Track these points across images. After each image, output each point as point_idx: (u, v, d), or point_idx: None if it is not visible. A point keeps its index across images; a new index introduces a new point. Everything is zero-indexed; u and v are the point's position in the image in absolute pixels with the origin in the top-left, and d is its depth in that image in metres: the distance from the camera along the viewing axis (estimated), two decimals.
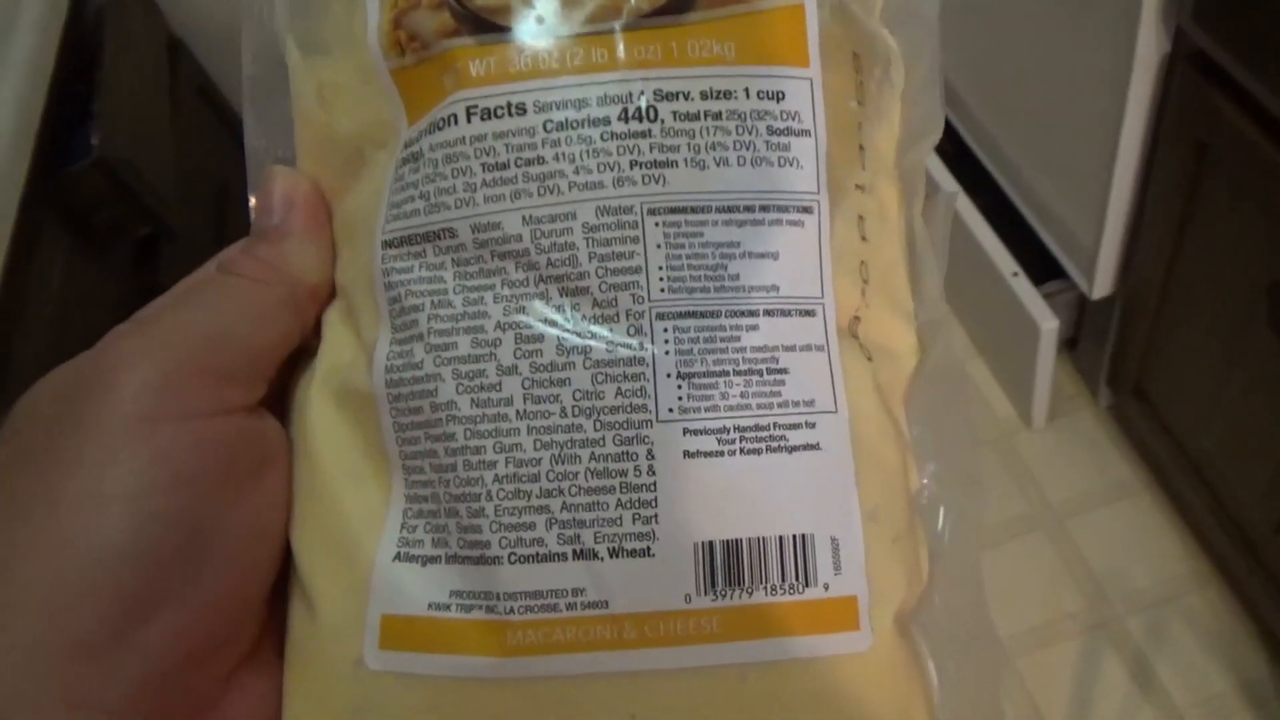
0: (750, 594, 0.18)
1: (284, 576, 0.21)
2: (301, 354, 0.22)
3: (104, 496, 0.18)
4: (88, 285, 0.65)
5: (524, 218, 0.19)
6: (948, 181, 0.97)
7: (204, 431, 0.19)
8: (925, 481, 0.22)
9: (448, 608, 0.19)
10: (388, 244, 0.20)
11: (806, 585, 0.19)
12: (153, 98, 0.77)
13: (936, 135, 0.23)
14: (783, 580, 0.19)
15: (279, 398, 0.22)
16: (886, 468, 0.20)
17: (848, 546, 0.19)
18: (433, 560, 0.19)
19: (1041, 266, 0.94)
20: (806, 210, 0.20)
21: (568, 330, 0.19)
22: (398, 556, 0.20)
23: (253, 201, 0.23)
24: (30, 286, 0.58)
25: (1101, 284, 0.88)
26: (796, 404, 0.19)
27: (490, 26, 0.19)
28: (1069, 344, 1.02)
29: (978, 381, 1.06)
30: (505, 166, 0.19)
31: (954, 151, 1.02)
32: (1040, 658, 0.89)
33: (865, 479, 0.20)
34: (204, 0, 0.91)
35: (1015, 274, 0.94)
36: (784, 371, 0.19)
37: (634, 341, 0.19)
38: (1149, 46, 0.70)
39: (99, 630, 0.18)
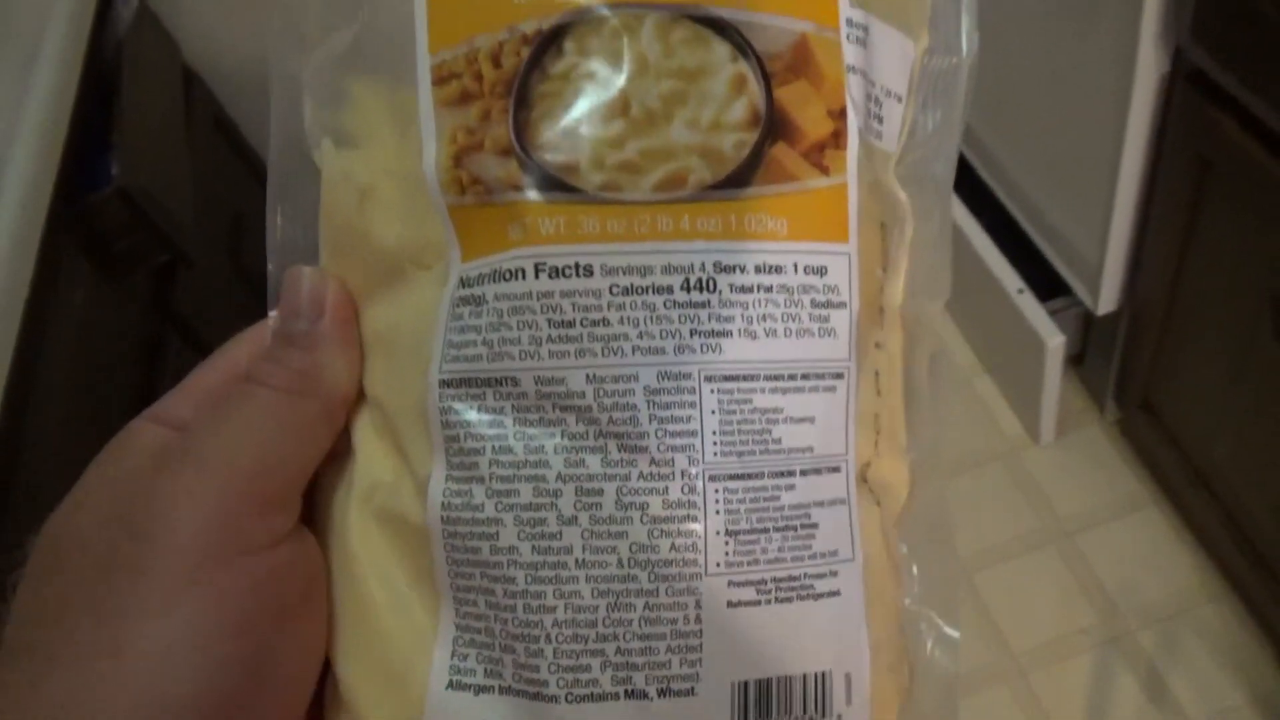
0: None
1: (323, 687, 0.21)
2: (326, 460, 0.22)
3: (170, 647, 0.18)
4: (108, 310, 0.66)
5: (588, 375, 0.20)
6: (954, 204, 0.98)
7: (260, 569, 0.19)
8: (907, 602, 0.24)
9: None
10: (446, 383, 0.20)
11: (824, 716, 0.21)
12: (170, 128, 0.79)
13: (944, 296, 0.25)
14: (804, 712, 0.20)
15: (309, 505, 0.22)
16: (888, 603, 0.22)
17: (858, 679, 0.21)
18: (485, 690, 0.20)
19: (1047, 283, 0.95)
20: (839, 376, 0.21)
21: (627, 485, 0.20)
22: (450, 684, 0.20)
23: (272, 298, 0.22)
24: (53, 311, 0.59)
25: (1107, 300, 0.88)
26: (823, 555, 0.21)
27: (560, 185, 0.20)
28: (1075, 359, 1.02)
29: (985, 398, 1.06)
30: (571, 325, 0.20)
31: (958, 170, 1.02)
32: (1053, 672, 0.89)
33: (873, 616, 0.21)
34: (218, 34, 0.93)
35: (1021, 291, 0.95)
36: (814, 526, 0.21)
37: (687, 499, 0.20)
38: (1148, 65, 0.71)
39: None
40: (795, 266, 0.20)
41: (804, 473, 0.21)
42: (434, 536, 0.21)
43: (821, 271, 0.21)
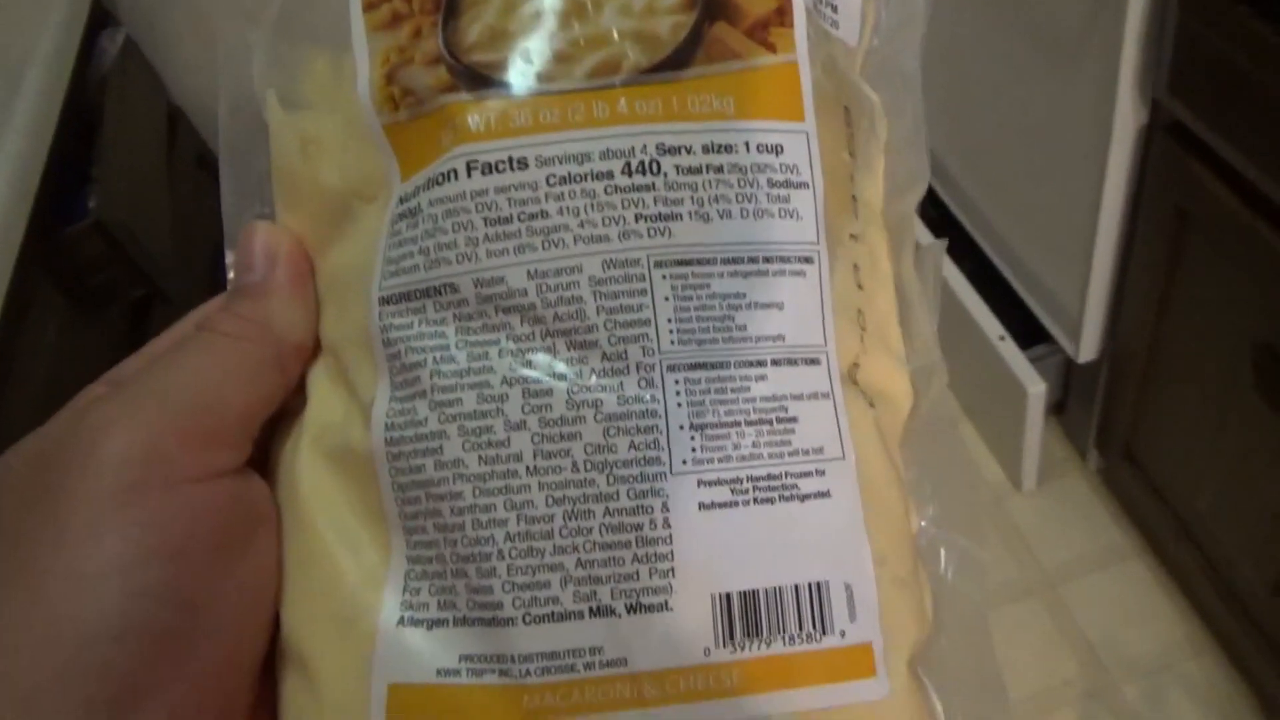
0: (769, 644, 0.18)
1: (274, 647, 0.20)
2: (283, 415, 0.21)
3: (90, 574, 0.17)
4: (81, 345, 0.65)
5: (529, 272, 0.19)
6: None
7: (193, 498, 0.18)
8: (924, 524, 0.22)
9: (458, 673, 0.18)
10: (385, 300, 0.20)
11: (824, 634, 0.19)
12: (152, 164, 0.79)
13: (923, 187, 0.24)
14: (800, 629, 0.19)
15: (262, 461, 0.21)
16: (891, 512, 0.20)
17: (861, 593, 0.19)
18: (439, 624, 0.19)
19: (1028, 330, 0.95)
20: (807, 260, 0.20)
21: (577, 384, 0.19)
22: (401, 621, 0.19)
23: (230, 258, 0.22)
24: (23, 345, 0.58)
25: (1087, 348, 0.88)
26: (806, 452, 0.19)
27: (488, 81, 0.19)
28: (1057, 407, 1.02)
29: (967, 444, 1.06)
30: (508, 221, 0.19)
31: (939, 217, 1.03)
32: None
33: (873, 524, 0.20)
34: (204, 72, 0.93)
35: (1002, 338, 0.95)
36: (793, 420, 0.19)
37: (645, 394, 0.19)
38: (1126, 117, 0.72)
39: (91, 717, 0.17)
40: (747, 145, 0.19)
41: (776, 362, 0.19)
42: (379, 461, 0.19)
43: (777, 150, 0.20)
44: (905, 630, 0.20)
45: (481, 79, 0.19)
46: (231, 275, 0.22)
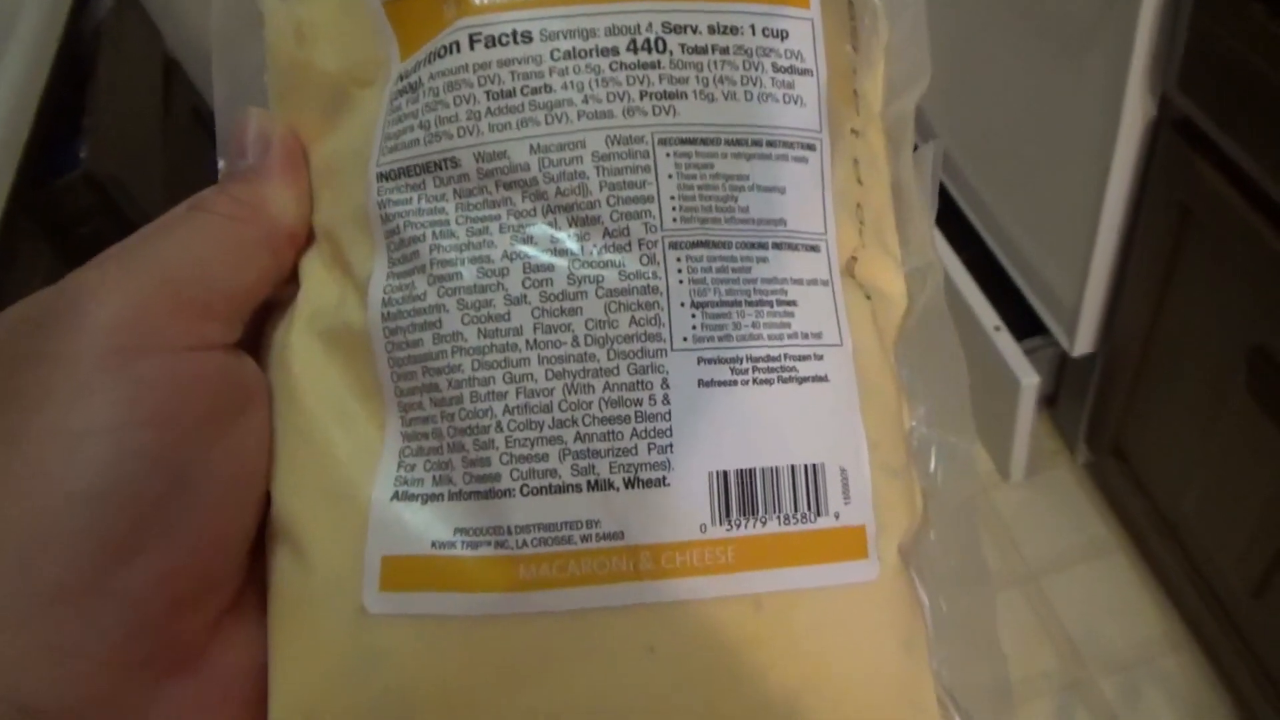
0: (764, 523, 0.18)
1: (264, 525, 0.20)
2: (274, 306, 0.21)
3: (77, 432, 0.17)
4: None
5: (531, 146, 0.18)
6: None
7: (183, 366, 0.18)
8: (914, 424, 0.22)
9: (453, 545, 0.18)
10: (384, 176, 0.19)
11: (818, 514, 0.19)
12: (145, 116, 0.77)
13: (924, 84, 0.23)
14: (795, 509, 0.19)
15: (254, 348, 0.21)
16: (886, 402, 0.21)
17: (856, 476, 0.19)
18: (434, 498, 0.19)
19: (1023, 322, 0.95)
20: (810, 148, 0.20)
21: (578, 259, 0.18)
22: (396, 495, 0.19)
23: (221, 153, 0.22)
24: (9, 296, 0.58)
25: (1083, 342, 0.88)
26: (805, 336, 0.19)
27: None
28: (1049, 400, 1.02)
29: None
30: (511, 94, 0.19)
31: (939, 206, 1.03)
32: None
33: (868, 412, 0.20)
34: (201, 22, 0.91)
35: (997, 328, 0.94)
36: (793, 304, 0.19)
37: (647, 270, 0.19)
38: (1134, 111, 0.71)
39: (78, 574, 0.16)
40: (753, 28, 0.19)
41: (777, 246, 0.19)
42: (375, 337, 0.19)
43: (782, 35, 0.20)
44: (896, 517, 0.20)
45: None
46: (222, 164, 0.22)
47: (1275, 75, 0.58)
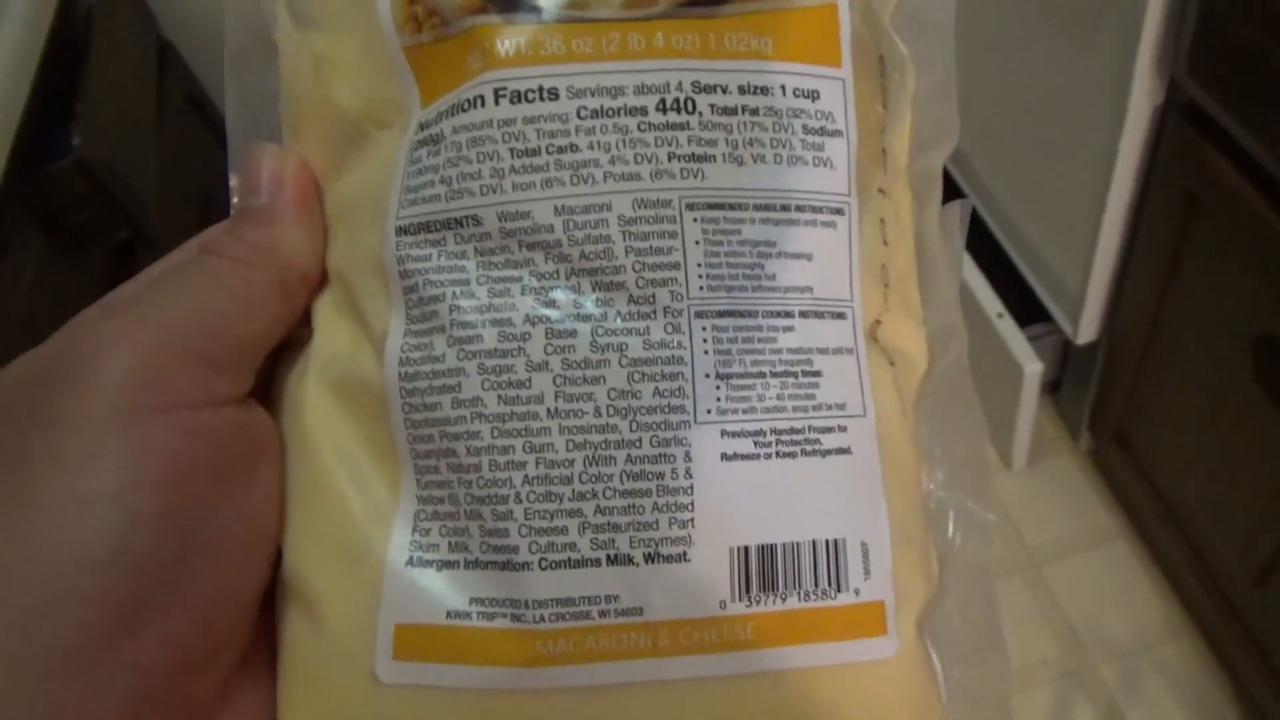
0: (784, 599, 0.18)
1: (274, 583, 0.20)
2: (287, 346, 0.21)
3: (86, 496, 0.16)
4: (60, 286, 0.64)
5: (556, 207, 0.18)
6: None
7: (193, 423, 0.18)
8: (932, 487, 0.22)
9: (468, 615, 0.18)
10: (403, 230, 0.19)
11: (839, 591, 0.19)
12: (139, 101, 0.76)
13: (952, 143, 0.23)
14: (815, 585, 0.18)
15: (265, 392, 0.20)
16: (906, 471, 0.20)
17: (876, 551, 0.19)
18: (450, 565, 0.18)
19: (1027, 309, 0.94)
20: (838, 212, 0.19)
21: (602, 325, 0.18)
22: (410, 561, 0.18)
23: (234, 181, 0.21)
24: (1, 285, 0.57)
25: (1086, 329, 0.88)
26: (830, 407, 0.19)
27: (519, 4, 0.18)
28: (1052, 387, 1.02)
29: (980, 411, 1.06)
30: (536, 153, 0.18)
31: (944, 192, 1.02)
32: (1013, 703, 0.89)
33: (889, 483, 0.20)
34: (197, 5, 0.90)
35: (1000, 315, 0.94)
36: (818, 374, 0.19)
37: (672, 339, 0.18)
38: (1142, 96, 0.70)
39: (86, 642, 0.16)
40: (783, 89, 0.19)
41: (804, 314, 0.19)
42: (391, 397, 0.19)
43: (813, 96, 0.19)
44: (915, 589, 0.20)
45: (513, 2, 0.18)
46: (235, 199, 0.21)
47: None
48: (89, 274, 0.68)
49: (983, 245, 0.98)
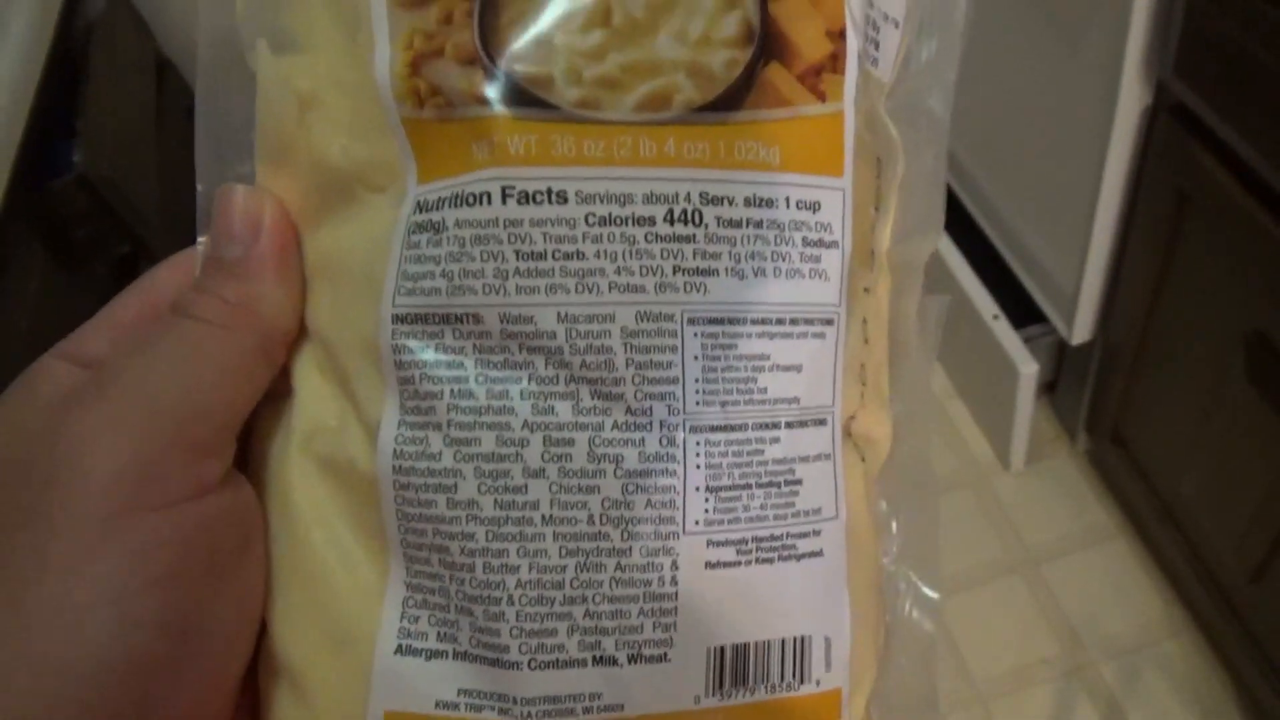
0: (753, 693, 0.19)
1: (258, 655, 0.20)
2: (264, 400, 0.20)
3: (79, 605, 0.16)
4: (63, 301, 0.64)
5: (559, 314, 0.18)
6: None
7: (186, 520, 0.17)
8: (885, 561, 0.23)
9: (456, 707, 0.19)
10: (400, 318, 0.19)
11: (802, 682, 0.20)
12: (139, 117, 0.77)
13: (935, 238, 0.23)
14: (781, 679, 0.19)
15: (243, 443, 0.20)
16: (867, 561, 0.21)
17: (837, 643, 0.20)
18: (438, 655, 0.19)
19: (1022, 310, 0.95)
20: (828, 322, 0.20)
21: (600, 435, 0.18)
22: (399, 649, 0.19)
23: (201, 214, 0.20)
24: (4, 300, 0.57)
25: (1081, 329, 0.88)
26: (807, 513, 0.20)
27: (531, 100, 0.18)
28: (1048, 388, 1.02)
29: (957, 422, 1.06)
30: (542, 257, 0.18)
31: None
32: (1014, 702, 0.89)
33: (853, 575, 0.20)
34: (194, 22, 0.91)
35: (996, 317, 0.94)
36: (798, 483, 0.20)
37: (665, 452, 0.18)
38: (1131, 98, 0.71)
39: None
40: (787, 201, 0.19)
41: (789, 425, 0.19)
42: (384, 487, 0.19)
43: (815, 207, 0.19)
44: (868, 673, 0.21)
45: (525, 95, 0.18)
46: (204, 241, 0.20)
47: (1272, 60, 0.58)
48: (92, 289, 0.68)
49: (978, 247, 0.99)
